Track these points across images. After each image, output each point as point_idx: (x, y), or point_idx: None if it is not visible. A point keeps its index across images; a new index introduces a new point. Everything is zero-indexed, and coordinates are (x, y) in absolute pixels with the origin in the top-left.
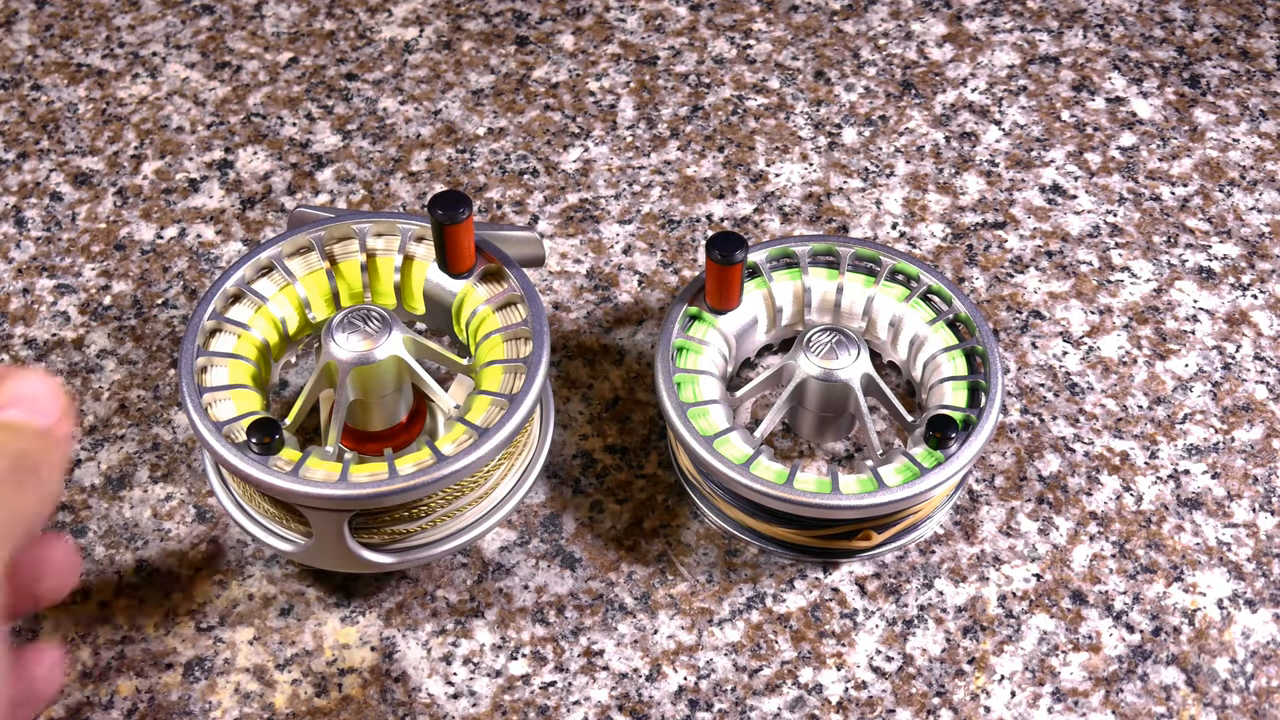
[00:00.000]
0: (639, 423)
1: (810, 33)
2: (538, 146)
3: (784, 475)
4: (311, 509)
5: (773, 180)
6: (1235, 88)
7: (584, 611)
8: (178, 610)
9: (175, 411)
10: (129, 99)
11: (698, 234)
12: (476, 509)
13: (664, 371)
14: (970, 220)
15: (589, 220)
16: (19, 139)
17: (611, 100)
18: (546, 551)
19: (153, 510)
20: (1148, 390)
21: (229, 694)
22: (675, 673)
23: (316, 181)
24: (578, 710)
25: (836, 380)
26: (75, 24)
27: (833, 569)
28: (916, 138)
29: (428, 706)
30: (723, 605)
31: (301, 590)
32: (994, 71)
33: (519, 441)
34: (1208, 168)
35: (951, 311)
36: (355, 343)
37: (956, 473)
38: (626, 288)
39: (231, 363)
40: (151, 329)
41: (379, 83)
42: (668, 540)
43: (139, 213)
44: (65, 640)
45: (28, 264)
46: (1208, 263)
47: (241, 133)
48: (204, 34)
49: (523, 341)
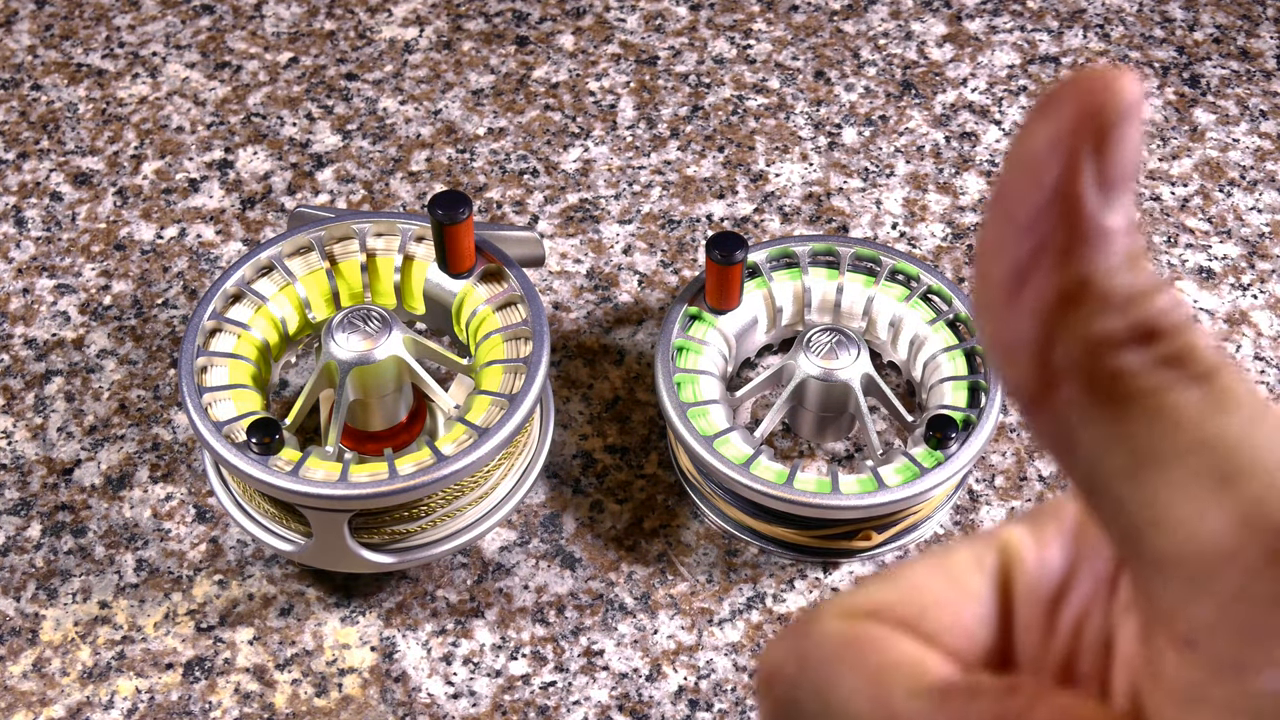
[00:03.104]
0: (639, 423)
1: (810, 33)
2: (538, 146)
3: (784, 475)
4: (311, 509)
5: (773, 180)
6: (1235, 88)
7: (584, 611)
8: (178, 610)
9: (175, 411)
10: (129, 99)
11: (698, 234)
12: (476, 509)
13: (664, 371)
14: (970, 220)
15: (589, 220)
16: (19, 139)
17: (611, 100)
18: (546, 551)
19: (153, 510)
20: None
21: (229, 694)
22: (675, 673)
23: (316, 181)
24: (578, 710)
25: (836, 380)
26: (75, 24)
27: (833, 569)
28: (916, 138)
29: (428, 706)
30: (723, 605)
31: (301, 590)
32: (994, 71)
33: (519, 441)
34: (1208, 168)
35: (951, 311)
36: (355, 343)
37: (956, 473)
38: (626, 288)
39: (231, 363)
40: (151, 329)
41: (379, 83)
42: (668, 540)
43: (139, 213)
44: (65, 640)
45: (28, 264)
46: (1208, 263)
47: (241, 133)
48: (204, 34)
49: (523, 341)
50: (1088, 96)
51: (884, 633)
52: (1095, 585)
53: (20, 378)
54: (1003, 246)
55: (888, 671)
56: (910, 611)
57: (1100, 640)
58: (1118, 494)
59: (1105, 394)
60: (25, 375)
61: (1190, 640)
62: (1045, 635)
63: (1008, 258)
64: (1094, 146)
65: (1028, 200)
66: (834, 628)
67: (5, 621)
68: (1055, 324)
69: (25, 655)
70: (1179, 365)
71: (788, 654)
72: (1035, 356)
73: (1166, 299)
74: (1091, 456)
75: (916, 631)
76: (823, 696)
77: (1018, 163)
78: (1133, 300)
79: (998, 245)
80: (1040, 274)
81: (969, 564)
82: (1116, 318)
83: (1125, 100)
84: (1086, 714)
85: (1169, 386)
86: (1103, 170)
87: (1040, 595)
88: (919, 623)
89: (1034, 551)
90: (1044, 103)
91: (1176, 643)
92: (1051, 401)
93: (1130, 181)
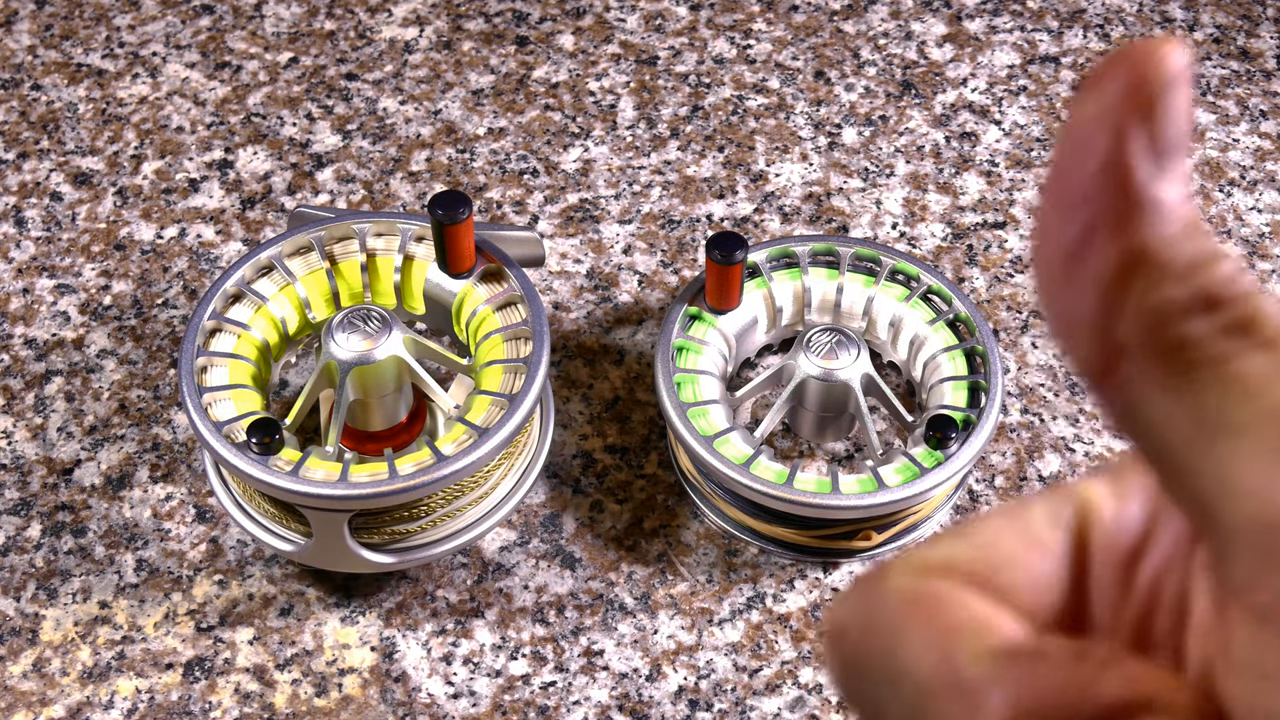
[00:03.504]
0: (639, 423)
1: (810, 33)
2: (538, 146)
3: (784, 475)
4: (311, 509)
5: (773, 180)
6: (1235, 88)
7: (584, 611)
8: (178, 610)
9: (175, 411)
10: (129, 99)
11: (698, 234)
12: (476, 509)
13: (664, 371)
14: (970, 220)
15: (589, 220)
16: (19, 139)
17: (611, 100)
18: (546, 551)
19: (153, 510)
20: None
21: (229, 694)
22: (675, 673)
23: (316, 181)
24: (578, 710)
25: (836, 380)
26: (75, 24)
27: (833, 569)
28: (916, 138)
29: (428, 706)
30: (723, 605)
31: (301, 590)
32: (994, 71)
33: (519, 441)
34: (1208, 168)
35: (951, 311)
36: (355, 343)
37: (956, 473)
38: (626, 288)
39: (231, 363)
40: (151, 329)
41: (379, 83)
42: (668, 540)
43: (139, 213)
44: (65, 640)
45: (28, 264)
46: None
47: (241, 133)
48: (204, 34)
49: (523, 341)
50: (1132, 68)
51: (952, 590)
52: (1175, 544)
53: (20, 378)
54: (1058, 224)
55: (954, 633)
56: (982, 568)
57: (1177, 603)
58: (1188, 465)
59: (1171, 364)
60: (25, 375)
61: (1265, 615)
62: (1121, 595)
63: (1064, 235)
64: (1141, 116)
65: (1080, 176)
66: (902, 584)
67: (5, 621)
68: (1115, 297)
69: (25, 655)
70: (1245, 332)
71: (854, 611)
72: (1098, 331)
73: (1228, 266)
74: (1160, 429)
75: (988, 589)
76: (888, 656)
77: (1068, 140)
78: (1194, 268)
79: (1053, 223)
80: (1097, 248)
81: (1045, 519)
82: (1178, 286)
83: (1170, 68)
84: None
85: (1236, 354)
86: (1153, 139)
87: (1118, 553)
88: (991, 580)
89: (1113, 507)
90: (1091, 80)
91: (1251, 617)
92: (1117, 375)
93: (1182, 150)
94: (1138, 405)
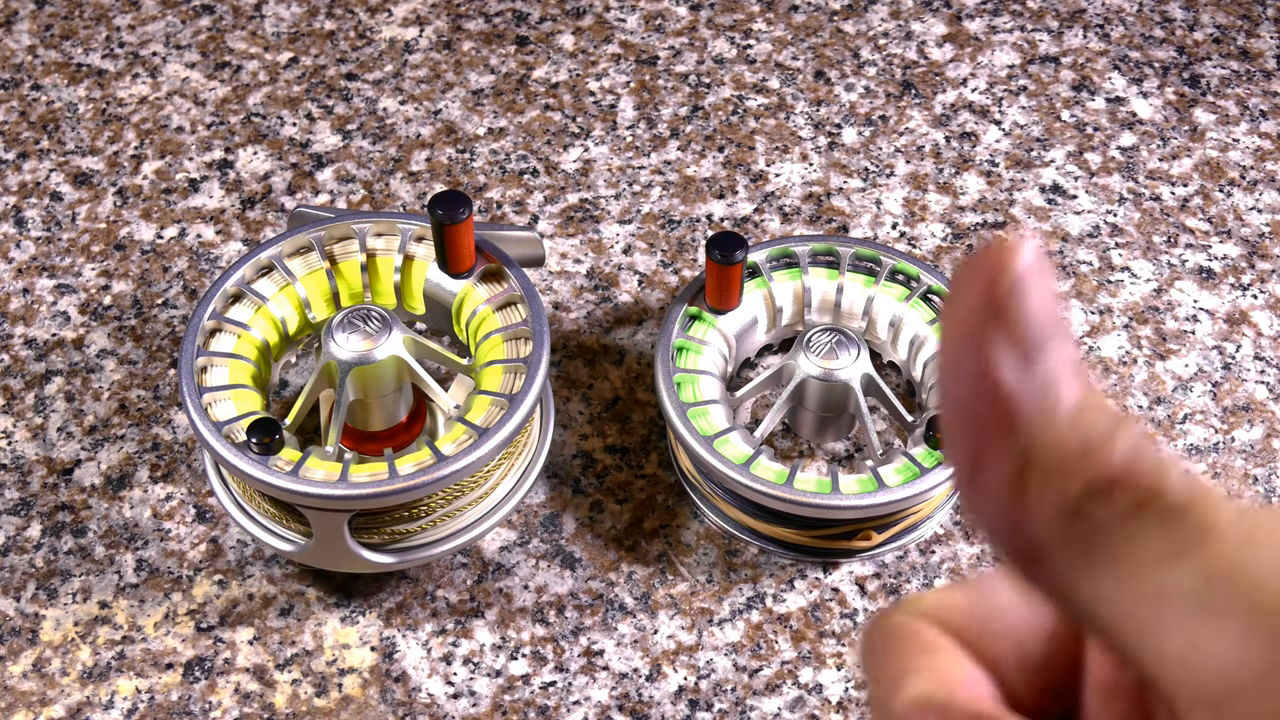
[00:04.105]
0: (639, 423)
1: (810, 33)
2: (538, 146)
3: (784, 475)
4: (311, 509)
5: (773, 180)
6: (1235, 88)
7: (584, 611)
8: (178, 610)
9: (175, 411)
10: (129, 99)
11: (698, 234)
12: (476, 509)
13: (664, 371)
14: (970, 220)
15: (589, 220)
16: (19, 139)
17: (611, 100)
18: (546, 551)
19: (153, 510)
20: (1148, 390)
21: (229, 694)
22: (675, 673)
23: (316, 181)
24: (578, 710)
25: (836, 380)
26: (75, 24)
27: (833, 569)
28: (916, 138)
29: (428, 706)
30: (723, 605)
31: (301, 590)
32: (994, 71)
33: (519, 441)
34: (1208, 168)
35: None
36: (355, 343)
37: None
38: (626, 288)
39: (231, 363)
40: (151, 329)
41: (379, 83)
42: (668, 540)
43: (139, 213)
44: (65, 640)
45: (28, 264)
46: (1208, 263)
47: (241, 133)
48: (204, 34)
49: (523, 341)
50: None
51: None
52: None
53: (20, 378)
54: (958, 436)
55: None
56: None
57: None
58: (1123, 642)
59: (1085, 554)
60: (25, 375)
61: None
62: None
63: (963, 444)
64: (998, 322)
65: (960, 390)
66: (895, 620)
67: (5, 621)
68: (1017, 501)
69: (25, 655)
70: (1148, 509)
71: (864, 635)
72: (1012, 533)
73: (1124, 441)
74: (1093, 611)
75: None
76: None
77: (943, 357)
78: (1085, 453)
79: (953, 435)
80: (992, 455)
81: None
82: (1071, 480)
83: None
84: None
85: (1142, 533)
86: (1014, 340)
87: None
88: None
89: None
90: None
91: None
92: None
93: (1056, 335)
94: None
